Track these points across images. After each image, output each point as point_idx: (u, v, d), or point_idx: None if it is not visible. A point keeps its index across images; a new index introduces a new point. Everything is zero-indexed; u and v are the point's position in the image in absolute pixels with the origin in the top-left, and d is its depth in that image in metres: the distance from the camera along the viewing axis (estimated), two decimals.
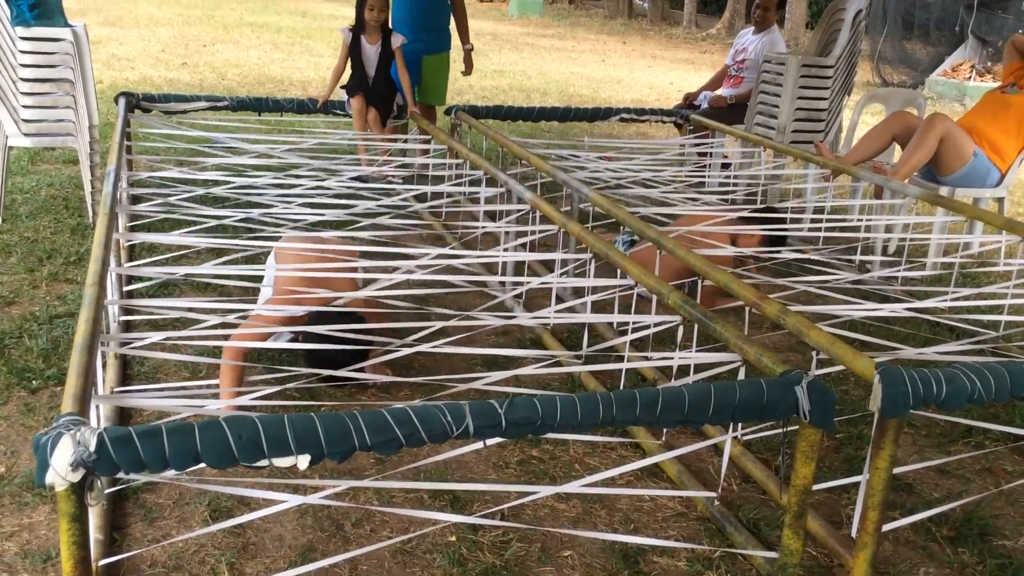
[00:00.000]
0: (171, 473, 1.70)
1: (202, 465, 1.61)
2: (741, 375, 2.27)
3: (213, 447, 1.60)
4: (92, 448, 1.51)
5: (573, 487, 2.23)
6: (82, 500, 1.56)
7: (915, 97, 6.26)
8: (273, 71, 10.47)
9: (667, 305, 2.63)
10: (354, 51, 5.39)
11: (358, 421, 1.69)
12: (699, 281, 3.02)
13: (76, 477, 1.52)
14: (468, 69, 6.12)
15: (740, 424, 2.67)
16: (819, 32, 6.10)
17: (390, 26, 5.55)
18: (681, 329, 2.63)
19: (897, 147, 5.15)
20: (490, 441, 2.14)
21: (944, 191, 4.64)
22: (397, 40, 5.39)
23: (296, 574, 2.03)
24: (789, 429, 2.05)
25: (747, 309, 2.83)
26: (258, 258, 3.51)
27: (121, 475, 1.62)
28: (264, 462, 1.65)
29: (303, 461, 1.66)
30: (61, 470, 1.50)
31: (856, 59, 6.00)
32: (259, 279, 3.20)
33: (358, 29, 5.37)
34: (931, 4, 13.99)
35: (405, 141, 5.60)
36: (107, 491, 2.24)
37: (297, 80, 9.93)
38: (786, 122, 5.63)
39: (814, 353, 2.44)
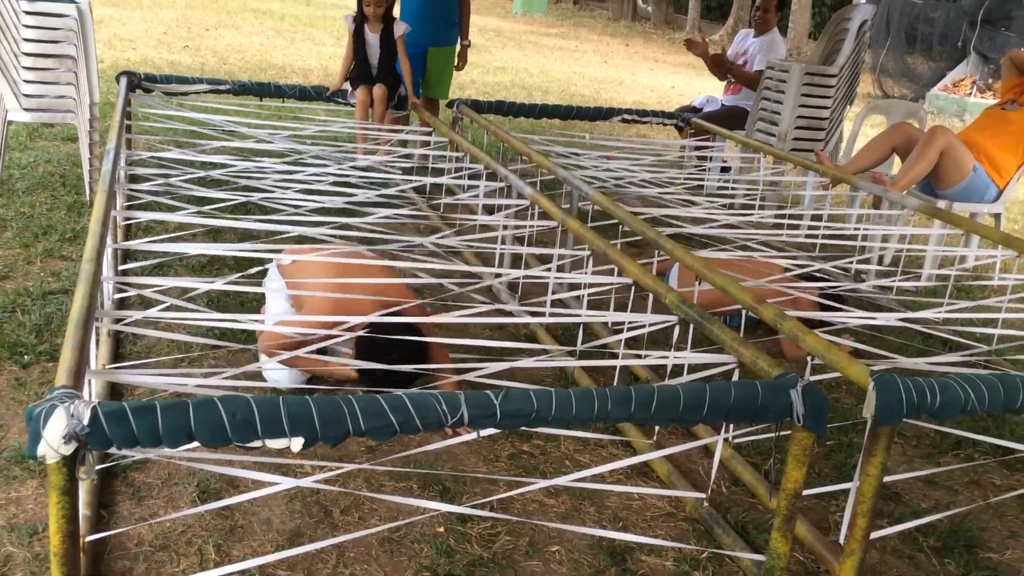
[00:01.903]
0: (163, 451, 1.70)
1: (195, 444, 1.61)
2: (735, 378, 2.27)
3: (206, 425, 1.59)
4: (85, 421, 1.51)
5: (563, 481, 2.23)
6: (73, 474, 1.55)
7: (916, 110, 6.27)
8: (275, 58, 10.44)
9: (663, 304, 2.63)
10: (358, 39, 5.37)
11: (353, 405, 1.69)
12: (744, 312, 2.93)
13: (68, 450, 1.51)
14: (461, 65, 6.11)
15: (731, 426, 2.67)
16: (823, 41, 6.11)
17: (395, 15, 5.51)
18: (677, 329, 2.63)
19: (897, 158, 5.16)
20: (483, 432, 2.14)
21: (942, 204, 4.64)
22: (399, 29, 5.36)
23: (283, 558, 2.03)
24: (781, 433, 2.05)
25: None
26: (255, 240, 3.49)
27: (112, 451, 1.61)
28: (257, 443, 1.64)
29: (296, 443, 1.66)
30: (53, 442, 1.49)
31: (859, 69, 6.00)
32: (255, 260, 3.17)
33: (360, 17, 5.34)
34: (934, 19, 14.01)
35: (406, 132, 5.58)
36: (97, 467, 2.23)
37: (299, 68, 9.90)
38: (787, 129, 5.64)
39: (809, 358, 2.45)
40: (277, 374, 2.80)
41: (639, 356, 3.06)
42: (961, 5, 13.48)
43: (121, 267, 3.32)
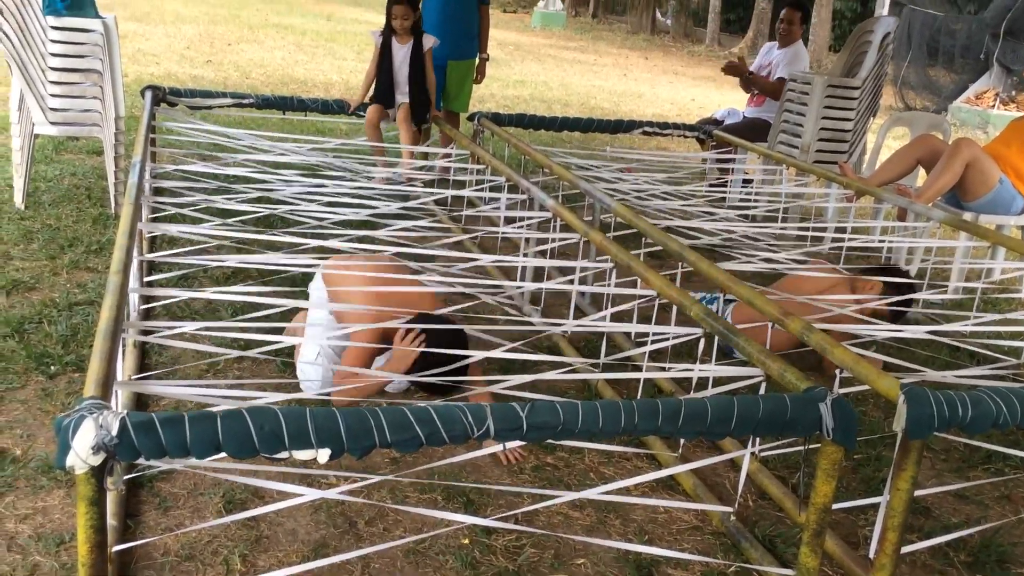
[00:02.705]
0: (190, 461, 1.70)
1: (220, 455, 1.61)
2: (762, 391, 2.25)
3: (234, 436, 1.59)
4: (114, 432, 1.51)
5: (588, 494, 2.21)
6: (101, 484, 1.55)
7: (940, 122, 6.22)
8: (297, 72, 10.51)
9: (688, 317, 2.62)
10: (384, 53, 5.34)
11: (379, 418, 1.68)
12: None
13: (97, 461, 1.51)
14: (479, 78, 6.13)
15: (758, 440, 2.64)
16: (845, 53, 6.08)
17: (422, 28, 5.49)
18: (702, 342, 2.61)
19: (921, 170, 5.12)
20: (509, 445, 2.13)
21: (968, 216, 4.60)
22: (429, 42, 5.34)
23: (308, 569, 2.03)
24: (810, 447, 2.03)
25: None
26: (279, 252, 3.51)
27: (139, 461, 1.61)
28: (284, 454, 1.64)
29: (323, 455, 1.66)
30: (82, 453, 1.50)
31: (882, 82, 5.97)
32: (280, 272, 3.18)
33: (388, 32, 5.33)
34: (956, 31, 13.96)
35: (428, 144, 5.59)
36: (124, 477, 2.24)
37: (320, 82, 9.97)
38: (810, 141, 5.61)
39: (837, 371, 2.42)
40: (312, 372, 2.83)
41: (663, 369, 3.04)
42: (983, 17, 13.42)
43: (146, 279, 3.34)
